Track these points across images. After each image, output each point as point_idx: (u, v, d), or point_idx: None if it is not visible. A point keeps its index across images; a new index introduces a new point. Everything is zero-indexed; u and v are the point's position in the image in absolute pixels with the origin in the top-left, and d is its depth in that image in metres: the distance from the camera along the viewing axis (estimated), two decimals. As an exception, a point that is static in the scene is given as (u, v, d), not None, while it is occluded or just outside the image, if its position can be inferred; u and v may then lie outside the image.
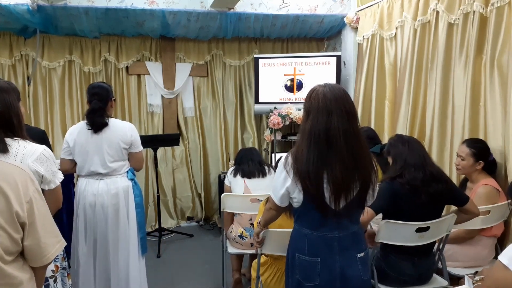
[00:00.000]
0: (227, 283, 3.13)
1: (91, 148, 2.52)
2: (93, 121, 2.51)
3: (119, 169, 2.60)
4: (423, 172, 2.11)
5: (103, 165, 2.54)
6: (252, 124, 4.86)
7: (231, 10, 3.92)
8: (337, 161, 1.53)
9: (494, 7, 2.50)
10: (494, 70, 2.54)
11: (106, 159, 2.54)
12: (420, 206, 2.09)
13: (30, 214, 1.19)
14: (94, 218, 2.54)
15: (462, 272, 2.30)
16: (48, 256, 1.25)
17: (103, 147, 2.53)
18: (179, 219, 4.75)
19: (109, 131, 2.54)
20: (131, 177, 2.67)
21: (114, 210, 2.56)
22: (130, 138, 2.60)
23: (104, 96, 2.55)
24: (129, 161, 2.68)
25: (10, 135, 1.59)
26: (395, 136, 2.41)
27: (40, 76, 4.16)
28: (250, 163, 3.05)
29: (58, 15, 3.64)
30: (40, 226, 1.22)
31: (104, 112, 2.54)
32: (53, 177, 1.68)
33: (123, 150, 2.59)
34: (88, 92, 2.59)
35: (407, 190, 2.09)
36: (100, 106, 2.52)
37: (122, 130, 2.58)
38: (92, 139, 2.53)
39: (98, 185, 2.55)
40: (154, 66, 4.47)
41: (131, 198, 2.64)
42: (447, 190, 2.13)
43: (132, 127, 2.65)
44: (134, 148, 2.64)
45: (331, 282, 1.62)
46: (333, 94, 1.56)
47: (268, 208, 1.79)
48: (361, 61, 4.01)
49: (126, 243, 2.61)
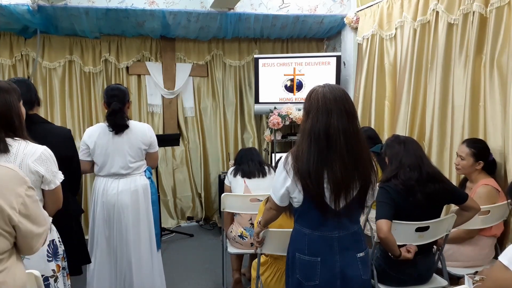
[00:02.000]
0: (227, 283, 3.13)
1: (113, 149, 2.54)
2: (114, 122, 2.52)
3: (139, 168, 2.65)
4: (419, 172, 2.11)
5: (124, 167, 2.58)
6: (252, 124, 4.87)
7: (231, 10, 3.93)
8: (337, 161, 1.54)
9: (494, 7, 2.50)
10: (494, 70, 2.55)
11: (127, 161, 2.57)
12: (417, 206, 2.09)
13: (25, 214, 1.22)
14: (115, 216, 2.58)
15: (462, 272, 2.30)
16: (38, 247, 1.31)
17: (124, 148, 2.55)
18: (179, 219, 4.75)
19: (130, 133, 2.57)
20: (149, 176, 2.72)
21: (134, 208, 2.61)
22: (150, 139, 2.65)
23: (122, 98, 2.56)
24: (146, 160, 2.71)
25: (10, 135, 1.60)
26: (392, 136, 2.42)
27: (41, 76, 4.16)
28: (250, 163, 3.06)
29: (58, 15, 3.65)
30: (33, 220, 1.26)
31: (124, 114, 2.56)
32: (53, 178, 1.69)
33: (142, 151, 2.63)
34: (106, 94, 2.59)
35: (402, 190, 2.09)
36: (120, 107, 2.52)
37: (141, 131, 2.61)
38: (113, 141, 2.54)
39: (118, 184, 2.58)
40: (154, 66, 4.48)
41: (149, 195, 2.69)
42: (444, 190, 2.13)
43: (150, 128, 2.69)
44: (152, 148, 2.69)
45: (331, 282, 1.62)
46: (333, 94, 1.56)
47: (268, 207, 1.80)
48: (361, 61, 4.02)
49: (148, 239, 2.67)
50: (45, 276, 1.67)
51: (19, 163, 1.58)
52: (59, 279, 1.75)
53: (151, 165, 2.78)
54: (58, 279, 1.74)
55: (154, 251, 2.72)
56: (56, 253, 1.75)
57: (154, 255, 2.72)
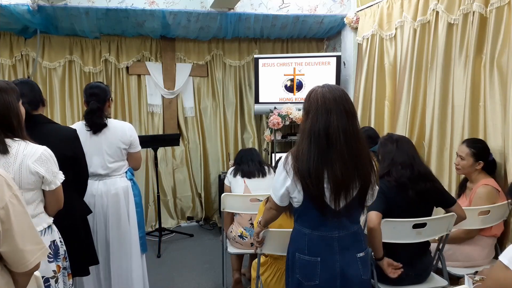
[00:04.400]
0: (227, 283, 3.13)
1: (90, 149, 2.48)
2: (92, 122, 2.49)
3: (119, 169, 2.60)
4: (411, 170, 2.14)
5: (103, 166, 2.53)
6: (252, 124, 4.87)
7: (231, 10, 3.93)
8: (337, 160, 1.54)
9: (494, 7, 2.50)
10: (494, 70, 2.55)
11: (105, 160, 2.53)
12: (409, 203, 2.12)
13: (5, 221, 1.14)
14: (94, 219, 2.52)
15: (462, 272, 2.30)
16: (26, 264, 1.20)
17: (102, 148, 2.51)
18: (179, 219, 4.75)
19: (108, 132, 2.53)
20: (130, 177, 2.66)
21: (114, 210, 2.55)
22: (130, 138, 2.59)
23: (102, 96, 2.53)
24: (128, 161, 2.67)
25: (10, 135, 1.59)
26: (386, 135, 2.43)
27: (41, 76, 4.16)
28: (250, 163, 3.06)
29: (58, 16, 3.65)
30: (18, 233, 1.16)
31: (103, 113, 2.52)
32: (54, 178, 1.68)
33: (122, 151, 2.58)
34: (85, 92, 2.56)
35: (394, 187, 2.13)
36: (99, 106, 2.50)
37: (121, 130, 2.57)
38: (91, 140, 2.51)
39: (98, 186, 2.53)
40: (154, 66, 4.48)
41: (131, 198, 2.63)
42: (435, 189, 2.17)
43: (130, 127, 2.64)
44: (133, 148, 2.64)
45: (331, 282, 1.62)
46: (332, 94, 1.57)
47: (268, 207, 1.80)
48: (361, 61, 4.01)
49: (128, 243, 2.60)
50: (46, 277, 1.67)
51: (19, 164, 1.57)
52: (59, 280, 1.74)
53: (133, 166, 2.70)
54: (59, 280, 1.74)
55: (135, 255, 2.64)
56: (57, 254, 1.75)
57: (134, 259, 2.63)
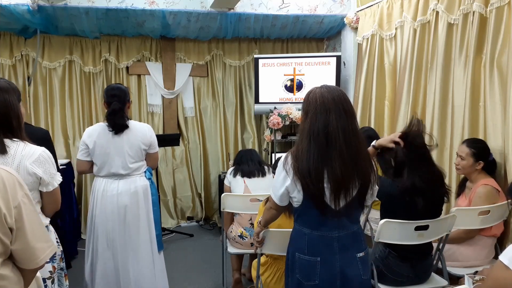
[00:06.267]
0: (227, 283, 3.13)
1: (112, 149, 2.52)
2: (114, 122, 2.50)
3: (138, 169, 2.63)
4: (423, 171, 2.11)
5: (124, 167, 2.56)
6: (252, 124, 4.87)
7: (231, 10, 3.93)
8: (337, 158, 1.54)
9: (494, 7, 2.50)
10: (494, 70, 2.55)
11: (127, 161, 2.55)
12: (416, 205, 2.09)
13: (18, 219, 1.16)
14: (114, 217, 2.55)
15: (462, 272, 2.29)
16: (37, 261, 1.22)
17: (124, 148, 2.54)
18: (179, 219, 4.75)
19: (130, 133, 2.56)
20: (149, 176, 2.71)
21: (134, 209, 2.59)
22: (150, 139, 2.63)
23: (123, 97, 2.55)
24: (146, 161, 2.70)
25: (9, 136, 1.58)
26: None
27: (41, 76, 4.17)
28: (250, 163, 3.06)
29: (58, 16, 3.65)
30: (29, 231, 1.18)
31: (124, 114, 2.54)
32: (52, 179, 1.67)
33: (142, 151, 2.62)
34: (106, 93, 2.57)
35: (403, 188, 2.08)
36: (120, 107, 2.51)
37: (141, 131, 2.60)
38: (113, 141, 2.53)
39: (118, 184, 2.57)
40: (154, 66, 4.48)
41: (150, 196, 2.68)
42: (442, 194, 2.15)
43: (150, 128, 2.68)
44: (152, 149, 2.68)
45: (331, 282, 1.62)
46: (331, 94, 1.57)
47: (268, 207, 1.80)
48: (361, 61, 4.01)
49: (148, 240, 2.64)
50: (42, 278, 1.66)
51: (17, 165, 1.57)
52: (55, 280, 1.74)
53: (151, 166, 2.77)
54: (55, 281, 1.74)
55: (155, 253, 2.70)
56: (53, 255, 1.74)
57: (155, 257, 2.70)
